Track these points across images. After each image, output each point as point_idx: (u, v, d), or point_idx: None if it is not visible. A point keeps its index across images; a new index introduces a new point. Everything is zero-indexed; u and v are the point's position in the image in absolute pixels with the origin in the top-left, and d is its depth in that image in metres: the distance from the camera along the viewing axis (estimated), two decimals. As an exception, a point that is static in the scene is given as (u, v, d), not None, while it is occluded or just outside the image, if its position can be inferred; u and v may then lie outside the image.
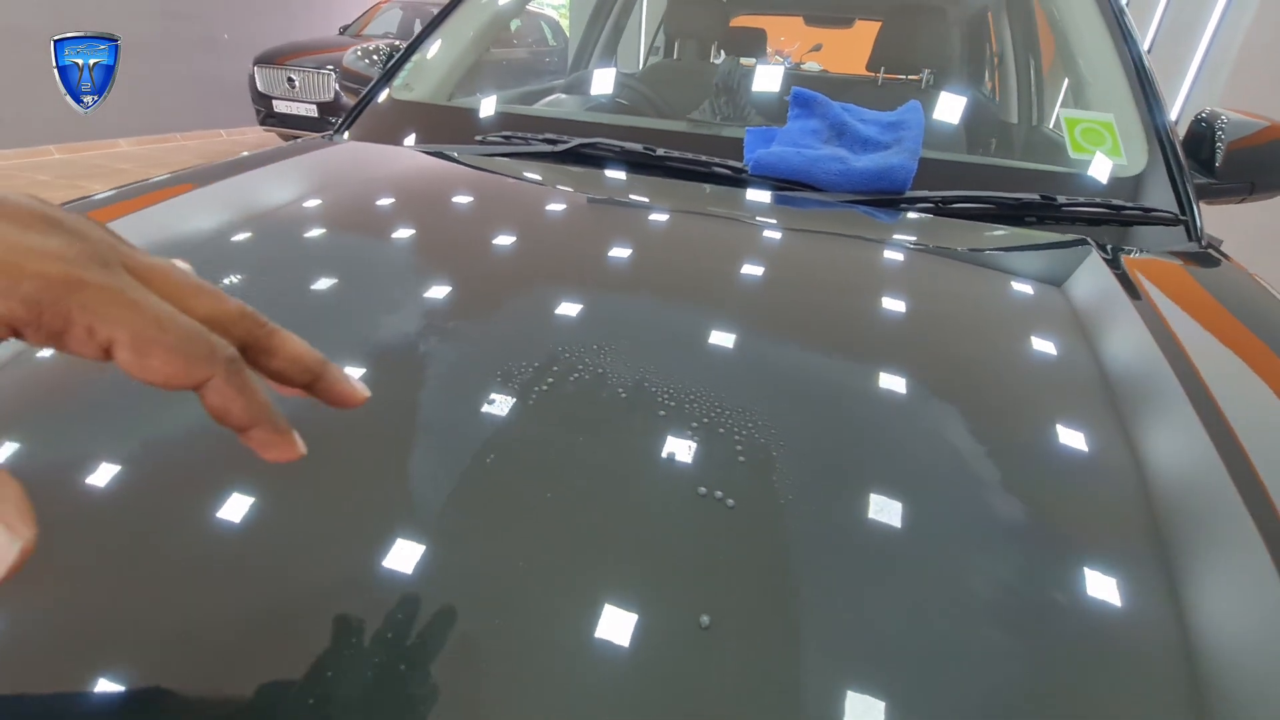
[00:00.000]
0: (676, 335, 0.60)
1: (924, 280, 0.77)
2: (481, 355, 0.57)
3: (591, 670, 0.34)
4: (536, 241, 0.78)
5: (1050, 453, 0.51)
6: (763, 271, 0.72)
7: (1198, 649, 0.37)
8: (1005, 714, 0.34)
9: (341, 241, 0.78)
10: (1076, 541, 0.44)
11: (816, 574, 0.40)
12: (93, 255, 0.22)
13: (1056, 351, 0.63)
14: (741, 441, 0.48)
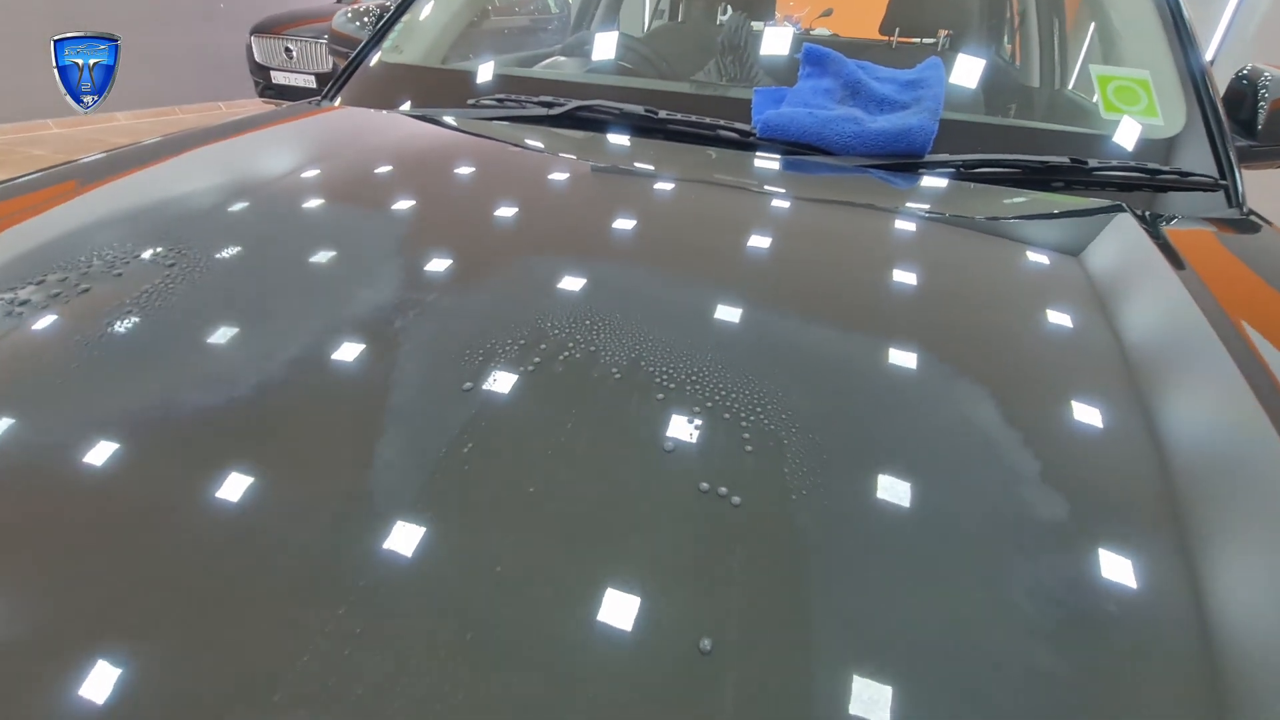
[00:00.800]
0: (676, 311, 0.55)
1: (947, 250, 0.71)
2: (466, 334, 0.52)
3: (571, 711, 0.30)
4: (530, 211, 0.73)
5: (1099, 439, 0.46)
6: (771, 242, 0.67)
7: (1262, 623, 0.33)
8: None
9: (327, 213, 0.73)
10: (1132, 534, 0.39)
11: (832, 587, 0.35)
12: None
13: (1097, 326, 0.57)
14: (749, 429, 0.43)
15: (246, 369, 0.49)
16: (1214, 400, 0.52)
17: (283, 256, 0.62)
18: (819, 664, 0.31)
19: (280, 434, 0.43)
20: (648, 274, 0.60)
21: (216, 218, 0.70)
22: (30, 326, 0.52)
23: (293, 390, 0.47)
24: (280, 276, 0.60)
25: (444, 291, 0.56)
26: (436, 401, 0.45)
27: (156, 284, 0.57)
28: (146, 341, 0.52)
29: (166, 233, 0.65)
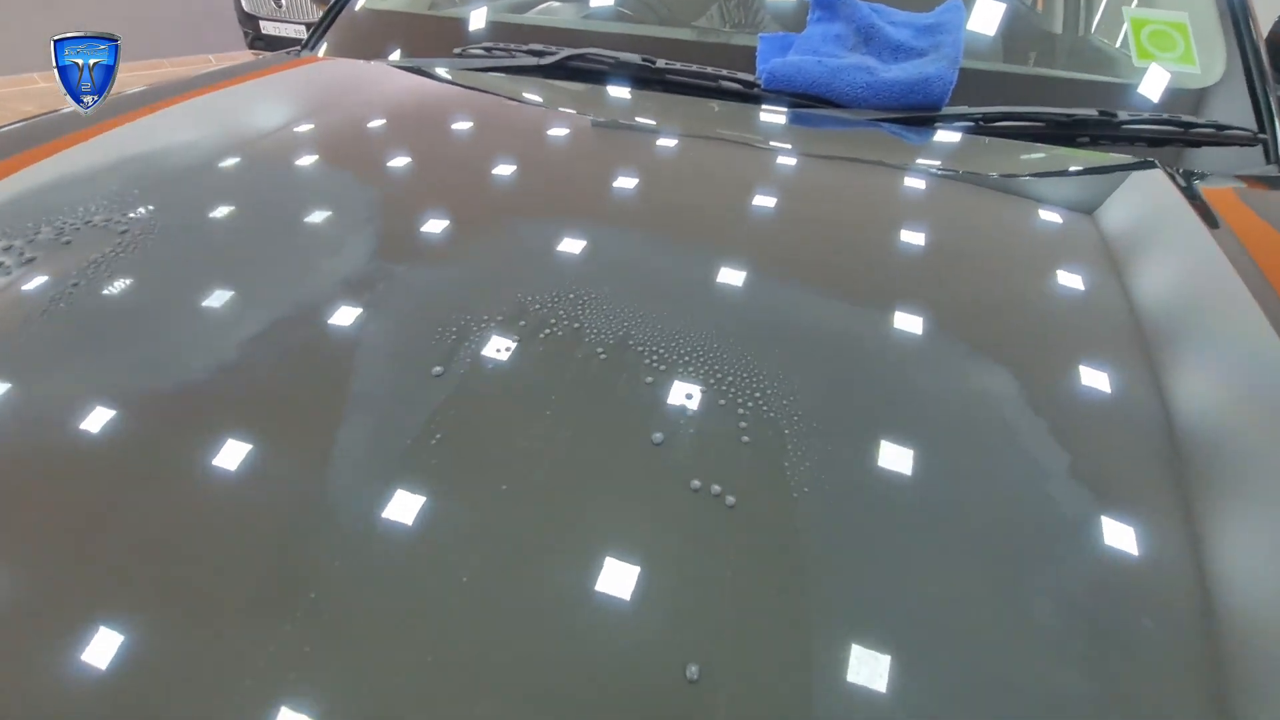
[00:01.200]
0: (668, 282, 0.50)
1: (966, 211, 0.66)
2: (436, 310, 0.47)
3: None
4: (513, 172, 0.67)
5: (1132, 409, 0.42)
6: (775, 205, 0.62)
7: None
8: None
9: (295, 177, 0.68)
10: (1168, 508, 0.35)
11: (838, 606, 0.31)
12: None
13: (1128, 292, 0.52)
14: (747, 416, 0.39)
15: (190, 344, 0.44)
16: (1251, 366, 0.47)
17: (242, 225, 0.58)
18: (823, 699, 0.28)
19: (236, 418, 0.40)
20: (638, 241, 0.55)
21: (172, 182, 0.65)
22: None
23: (250, 369, 0.43)
24: (236, 247, 0.55)
25: (414, 263, 0.52)
26: (403, 387, 0.41)
27: (106, 252, 0.53)
28: (93, 309, 0.48)
29: (118, 197, 0.61)
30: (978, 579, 0.32)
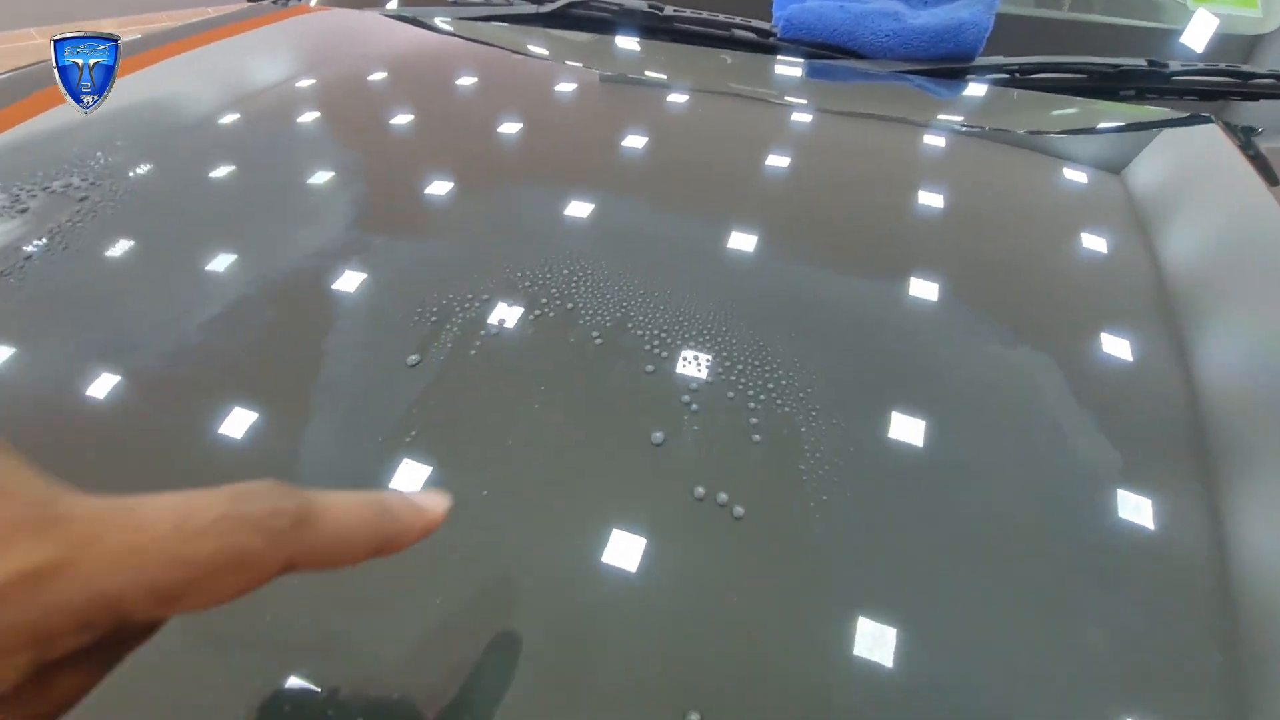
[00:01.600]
0: (672, 256, 0.45)
1: (1002, 173, 0.60)
2: (417, 288, 0.43)
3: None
4: (510, 128, 0.62)
5: (1193, 373, 0.37)
6: (793, 167, 0.56)
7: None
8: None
9: (283, 136, 0.63)
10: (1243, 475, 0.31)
11: (860, 637, 0.27)
12: (24, 505, 0.14)
13: (1185, 258, 0.47)
14: (759, 411, 0.35)
15: (148, 320, 0.40)
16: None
17: (213, 191, 0.53)
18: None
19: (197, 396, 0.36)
20: (641, 208, 0.50)
21: (143, 144, 0.60)
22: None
23: (212, 347, 0.39)
24: (204, 215, 0.51)
25: (391, 233, 0.47)
26: (374, 378, 0.37)
27: (63, 221, 0.49)
28: (40, 285, 0.44)
29: (80, 161, 0.56)
30: (1030, 610, 0.28)
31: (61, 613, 0.13)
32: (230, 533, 0.15)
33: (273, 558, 0.16)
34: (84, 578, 0.14)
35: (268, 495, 0.16)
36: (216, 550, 0.15)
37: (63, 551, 0.13)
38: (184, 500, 0.15)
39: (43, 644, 0.13)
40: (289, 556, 0.16)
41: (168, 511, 0.15)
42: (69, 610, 0.13)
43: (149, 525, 0.15)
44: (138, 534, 0.14)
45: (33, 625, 0.13)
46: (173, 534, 0.15)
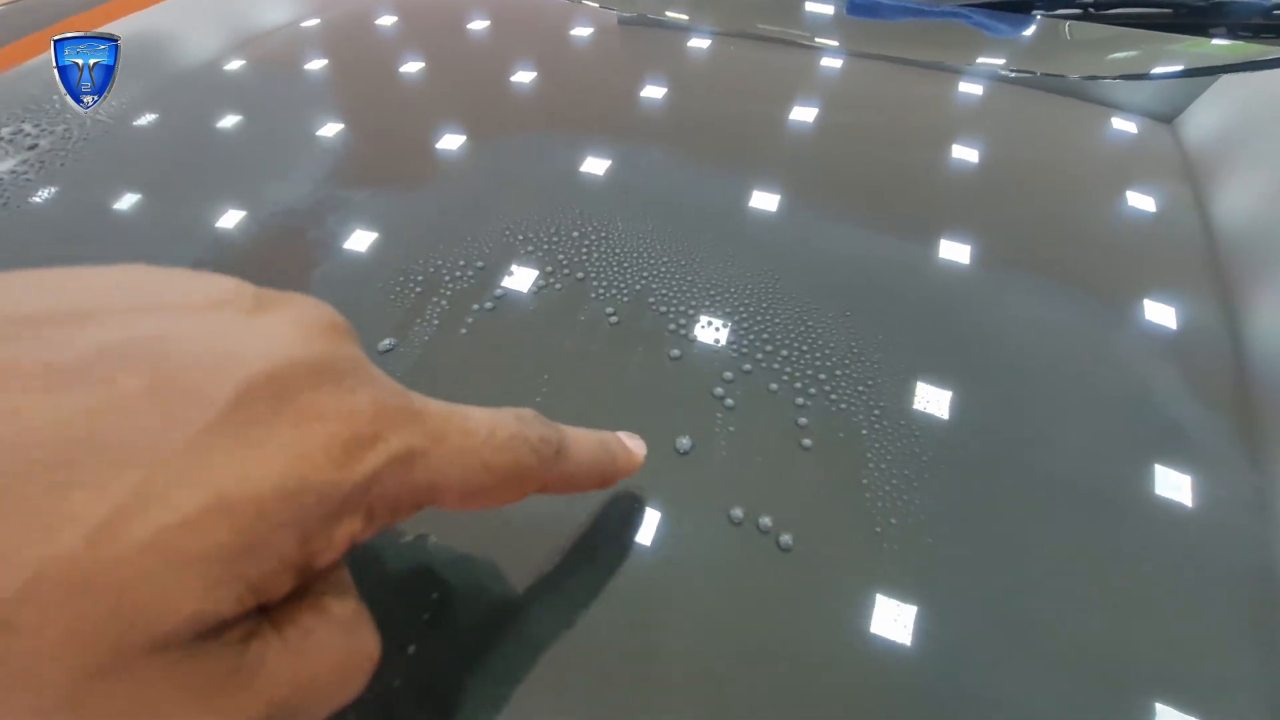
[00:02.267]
0: (700, 214, 0.39)
1: (1075, 126, 0.52)
2: (399, 254, 0.37)
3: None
4: (505, 68, 0.54)
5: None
6: (835, 117, 0.48)
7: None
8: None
9: (261, 77, 0.56)
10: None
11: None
12: (395, 395, 0.16)
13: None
14: (809, 409, 0.29)
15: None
16: None
17: (175, 140, 0.47)
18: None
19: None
20: (665, 164, 0.43)
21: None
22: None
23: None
24: (163, 167, 0.44)
25: (373, 188, 0.41)
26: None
27: (5, 172, 0.43)
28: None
29: (31, 106, 0.50)
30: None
31: (413, 492, 0.15)
32: (518, 450, 0.17)
33: (539, 478, 0.18)
34: (434, 467, 0.15)
35: (536, 422, 0.18)
36: (511, 463, 0.17)
37: (424, 442, 0.15)
38: (489, 415, 0.17)
39: (394, 514, 0.15)
40: (548, 481, 0.19)
41: (483, 424, 0.17)
42: (417, 490, 0.15)
43: (472, 432, 0.16)
44: (466, 438, 0.16)
45: (394, 498, 0.15)
46: (487, 443, 0.17)
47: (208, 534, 0.12)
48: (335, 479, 0.13)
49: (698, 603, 0.23)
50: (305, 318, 0.15)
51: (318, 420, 0.14)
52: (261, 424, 0.13)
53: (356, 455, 0.14)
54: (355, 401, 0.14)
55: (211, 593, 0.12)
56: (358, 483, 0.14)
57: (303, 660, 0.14)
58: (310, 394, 0.14)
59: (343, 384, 0.14)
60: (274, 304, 0.15)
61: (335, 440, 0.14)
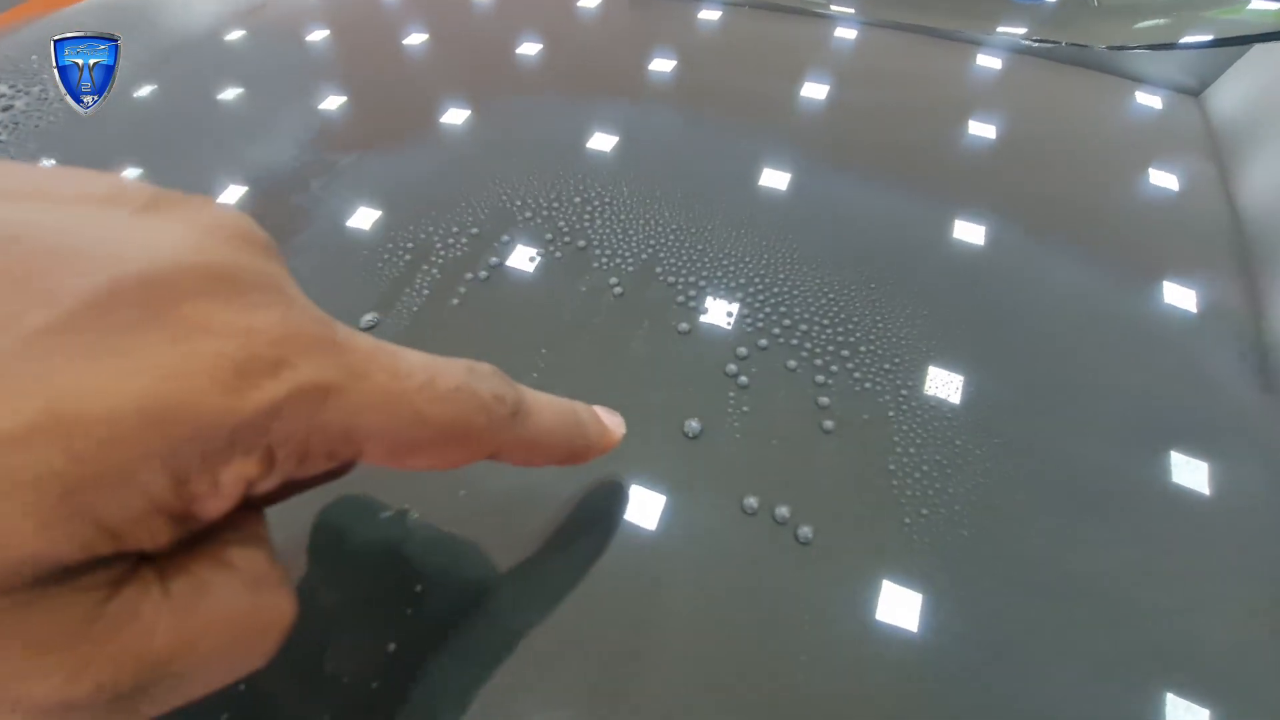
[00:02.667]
0: (714, 180, 0.36)
1: (1100, 105, 0.49)
2: (382, 224, 0.34)
3: None
4: (514, 25, 0.51)
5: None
6: (838, 89, 0.45)
7: None
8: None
9: (243, 34, 0.53)
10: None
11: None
12: (313, 321, 0.13)
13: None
14: (830, 388, 0.26)
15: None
16: None
17: (153, 101, 0.44)
18: None
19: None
20: (674, 125, 0.40)
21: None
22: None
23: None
24: (141, 127, 0.42)
25: (364, 150, 0.38)
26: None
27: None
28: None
29: (8, 66, 0.47)
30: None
31: (324, 435, 0.13)
32: (463, 404, 0.15)
33: (489, 441, 0.16)
34: (351, 408, 0.13)
35: (493, 377, 0.16)
36: (452, 419, 0.15)
37: (340, 378, 0.13)
38: (430, 361, 0.15)
39: (301, 461, 0.13)
40: (499, 445, 0.16)
41: (420, 368, 0.14)
42: (329, 435, 0.13)
43: (405, 375, 0.14)
44: (395, 381, 0.14)
45: (301, 441, 0.12)
46: (422, 391, 0.14)
47: (34, 456, 0.09)
48: (221, 406, 0.11)
49: (704, 599, 0.21)
50: (207, 220, 0.13)
51: (203, 334, 0.11)
52: (125, 332, 0.10)
53: (252, 381, 0.11)
54: (257, 318, 0.12)
55: (45, 531, 0.10)
56: (251, 415, 0.11)
57: (190, 616, 0.12)
58: (197, 303, 0.11)
59: (244, 297, 0.12)
60: (172, 204, 0.13)
61: (224, 360, 0.11)
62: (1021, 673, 0.20)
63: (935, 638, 0.20)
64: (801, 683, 0.20)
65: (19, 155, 0.40)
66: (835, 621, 0.21)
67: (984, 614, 0.21)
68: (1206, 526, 0.24)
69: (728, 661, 0.20)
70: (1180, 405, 0.27)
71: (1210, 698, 0.20)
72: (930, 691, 0.20)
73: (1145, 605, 0.22)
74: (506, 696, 0.19)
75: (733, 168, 0.36)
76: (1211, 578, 0.22)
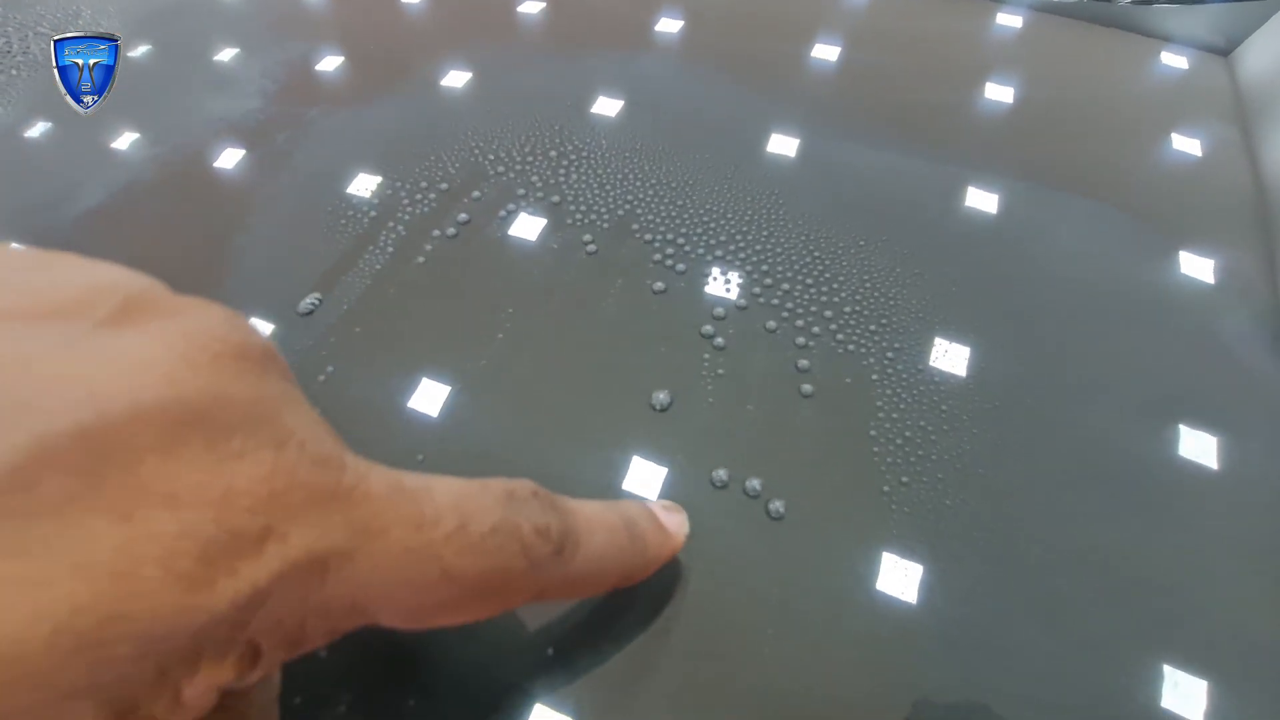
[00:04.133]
0: (696, 133, 0.34)
1: (1123, 65, 0.46)
2: (358, 167, 0.32)
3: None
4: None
5: None
6: (849, 36, 0.43)
7: None
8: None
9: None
10: None
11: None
12: (312, 465, 0.10)
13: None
14: (810, 350, 0.25)
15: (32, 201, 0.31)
16: None
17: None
18: None
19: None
20: (656, 75, 0.38)
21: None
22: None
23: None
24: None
25: (330, 103, 0.36)
26: (289, 288, 0.27)
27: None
28: None
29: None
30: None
31: (323, 615, 0.10)
32: (501, 550, 0.12)
33: (528, 587, 0.13)
34: (359, 577, 0.10)
35: (533, 501, 0.14)
36: (486, 570, 0.12)
37: (347, 540, 0.10)
38: (461, 495, 0.12)
39: (294, 647, 0.10)
40: (542, 588, 0.14)
41: (449, 509, 0.12)
42: (331, 612, 0.10)
43: (430, 523, 0.11)
44: (419, 533, 0.11)
45: (295, 626, 0.10)
46: (452, 540, 0.12)
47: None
48: (180, 606, 0.08)
49: (670, 570, 0.20)
50: (190, 332, 0.10)
51: (161, 508, 0.08)
52: (50, 516, 0.08)
53: (226, 565, 0.09)
54: (239, 475, 0.09)
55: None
56: (225, 610, 0.09)
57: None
58: (158, 462, 0.09)
59: (223, 444, 0.09)
60: (149, 313, 0.10)
61: (187, 544, 0.09)
62: (1005, 645, 0.19)
63: (917, 610, 0.19)
64: (769, 657, 0.19)
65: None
66: (806, 594, 0.20)
67: (968, 586, 0.20)
68: (1212, 500, 0.22)
69: (689, 633, 0.19)
70: (1191, 378, 0.25)
71: (1208, 668, 0.19)
72: (907, 664, 0.18)
73: (1142, 578, 0.20)
74: (470, 665, 0.18)
75: (725, 124, 0.35)
76: (1214, 552, 0.21)
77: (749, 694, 0.18)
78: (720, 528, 0.21)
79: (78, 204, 0.31)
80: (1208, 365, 0.26)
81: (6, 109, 0.38)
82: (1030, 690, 0.18)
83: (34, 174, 0.34)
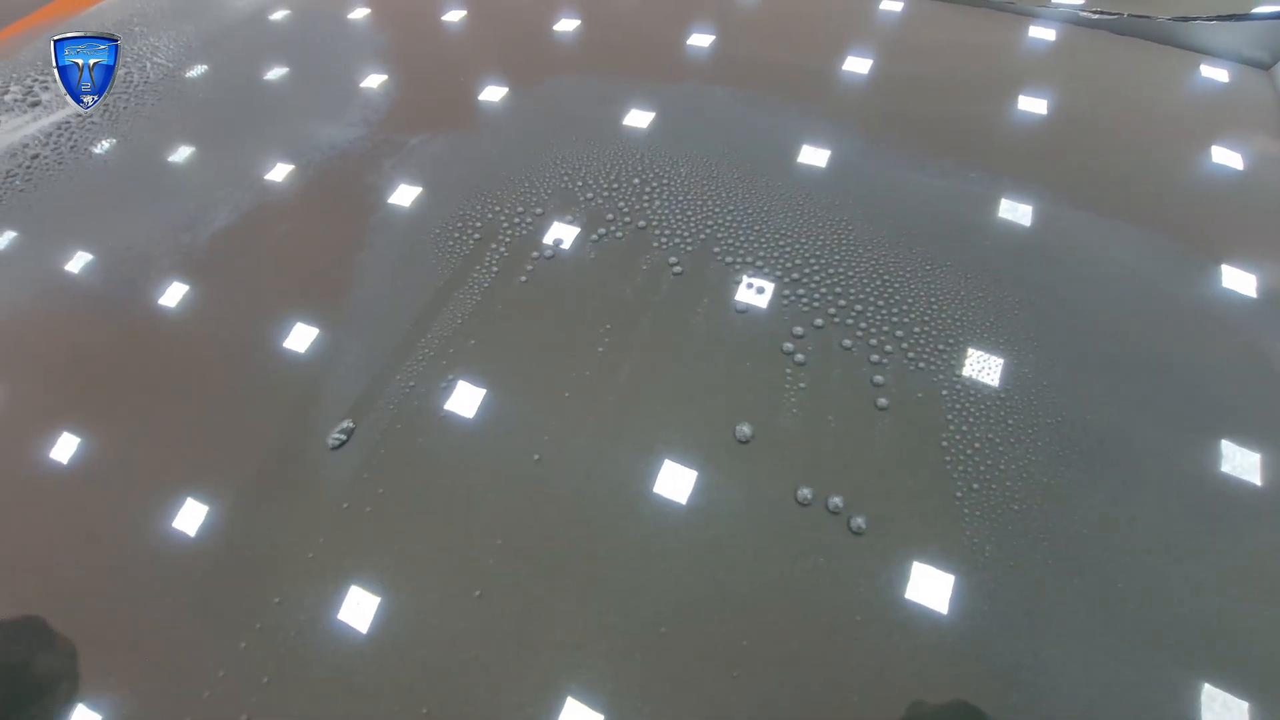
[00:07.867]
0: (771, 160, 0.36)
1: (1162, 80, 0.48)
2: (447, 203, 0.36)
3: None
4: (571, 13, 0.52)
5: None
6: (888, 65, 0.45)
7: None
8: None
9: (305, 20, 0.55)
10: None
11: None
12: None
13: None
14: (885, 366, 0.27)
15: (157, 229, 0.35)
16: None
17: (221, 90, 0.46)
18: None
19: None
20: (731, 105, 0.40)
21: (163, 31, 0.53)
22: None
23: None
24: (217, 113, 0.44)
25: (433, 132, 0.39)
26: (405, 300, 0.30)
27: (72, 115, 0.43)
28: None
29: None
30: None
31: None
32: None
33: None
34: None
35: None
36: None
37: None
38: None
39: None
40: None
41: None
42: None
43: None
44: None
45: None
46: None
47: None
48: None
49: (759, 601, 0.22)
50: None
51: None
52: None
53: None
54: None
55: None
56: None
57: None
58: None
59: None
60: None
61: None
62: (1059, 646, 0.21)
63: (971, 616, 0.21)
64: (838, 662, 0.21)
65: (105, 143, 0.42)
66: (885, 613, 0.22)
67: (1025, 586, 0.22)
68: (1256, 516, 0.24)
69: (762, 639, 0.21)
70: (1235, 393, 0.27)
71: (1249, 690, 0.20)
72: (969, 672, 0.21)
73: (1188, 588, 0.22)
74: (545, 673, 0.21)
75: (784, 147, 0.37)
76: (1259, 571, 0.23)
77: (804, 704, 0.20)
78: (804, 548, 0.23)
79: (213, 224, 0.35)
80: (1251, 381, 0.27)
81: (147, 134, 0.42)
82: (1080, 691, 0.20)
83: (171, 195, 0.37)
